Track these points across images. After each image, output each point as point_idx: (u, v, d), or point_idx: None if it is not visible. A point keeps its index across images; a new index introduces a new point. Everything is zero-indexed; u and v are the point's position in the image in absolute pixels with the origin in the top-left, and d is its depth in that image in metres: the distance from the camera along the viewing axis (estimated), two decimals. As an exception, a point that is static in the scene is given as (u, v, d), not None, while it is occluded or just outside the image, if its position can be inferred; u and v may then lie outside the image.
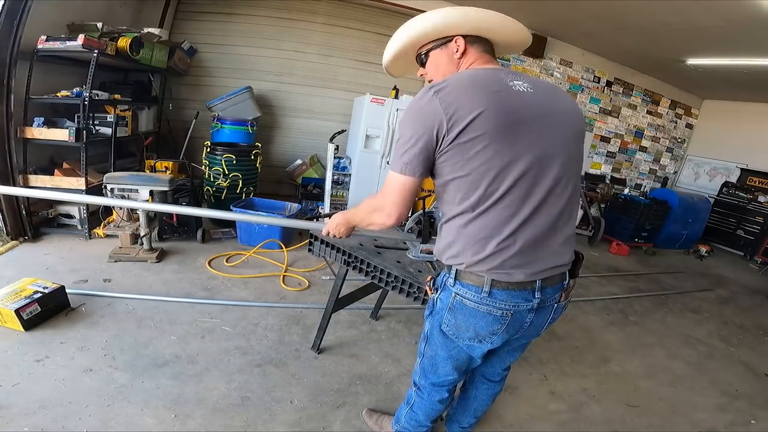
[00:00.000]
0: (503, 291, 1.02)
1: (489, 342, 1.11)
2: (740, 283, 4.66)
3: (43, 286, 2.10)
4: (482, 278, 1.01)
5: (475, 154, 0.93)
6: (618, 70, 6.24)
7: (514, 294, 1.03)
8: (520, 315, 1.06)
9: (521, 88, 0.97)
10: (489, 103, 0.91)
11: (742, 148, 6.64)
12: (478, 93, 0.92)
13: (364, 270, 1.73)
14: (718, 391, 2.37)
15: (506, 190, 0.95)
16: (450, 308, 1.10)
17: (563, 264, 1.07)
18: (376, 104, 4.30)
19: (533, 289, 1.04)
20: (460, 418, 1.59)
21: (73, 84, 3.07)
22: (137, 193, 2.85)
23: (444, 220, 1.08)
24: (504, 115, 0.92)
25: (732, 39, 4.15)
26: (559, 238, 1.05)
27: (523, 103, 0.96)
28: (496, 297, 1.02)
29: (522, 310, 1.05)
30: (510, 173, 0.94)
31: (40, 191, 2.65)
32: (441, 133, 0.93)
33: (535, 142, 0.95)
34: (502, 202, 0.96)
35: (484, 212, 0.97)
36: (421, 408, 1.41)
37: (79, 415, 1.53)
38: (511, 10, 1.15)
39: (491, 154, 0.92)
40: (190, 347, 2.03)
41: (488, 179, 0.94)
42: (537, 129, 0.96)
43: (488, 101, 0.91)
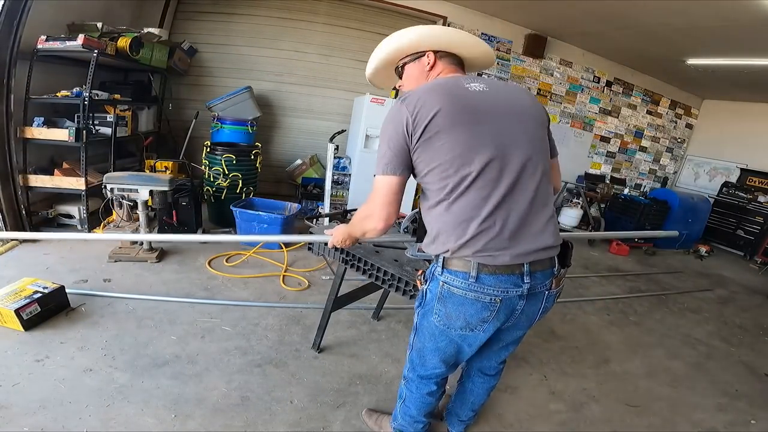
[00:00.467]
0: (491, 275, 1.05)
1: (481, 330, 1.13)
2: (740, 283, 4.66)
3: (42, 286, 2.10)
4: (468, 263, 1.06)
5: (440, 146, 1.03)
6: (618, 70, 6.24)
7: (502, 278, 1.05)
8: (510, 302, 1.09)
9: (478, 88, 1.10)
10: (445, 102, 1.03)
11: (742, 148, 6.64)
12: (436, 95, 1.05)
13: (362, 268, 1.73)
14: (718, 391, 2.37)
15: (477, 173, 1.02)
16: (439, 298, 1.13)
17: (549, 246, 1.10)
18: (376, 104, 4.30)
19: (522, 274, 1.07)
20: (459, 412, 1.60)
21: (72, 84, 3.07)
22: (137, 193, 2.84)
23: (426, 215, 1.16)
24: (460, 109, 1.04)
25: (732, 39, 4.15)
26: (541, 218, 1.09)
27: (479, 100, 1.07)
28: (483, 282, 1.05)
29: (512, 296, 1.08)
30: (476, 158, 1.02)
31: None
32: (409, 132, 1.04)
33: (496, 131, 1.05)
34: (475, 185, 1.03)
35: (460, 196, 1.04)
36: (412, 402, 1.43)
37: (79, 415, 1.52)
38: (511, 10, 1.18)
39: (453, 143, 1.02)
40: (190, 347, 2.03)
41: (456, 165, 1.03)
42: (495, 119, 1.07)
43: (444, 101, 1.03)
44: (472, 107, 1.05)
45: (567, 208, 5.57)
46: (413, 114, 1.03)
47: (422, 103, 1.03)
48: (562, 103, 6.13)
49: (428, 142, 1.03)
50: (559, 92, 6.06)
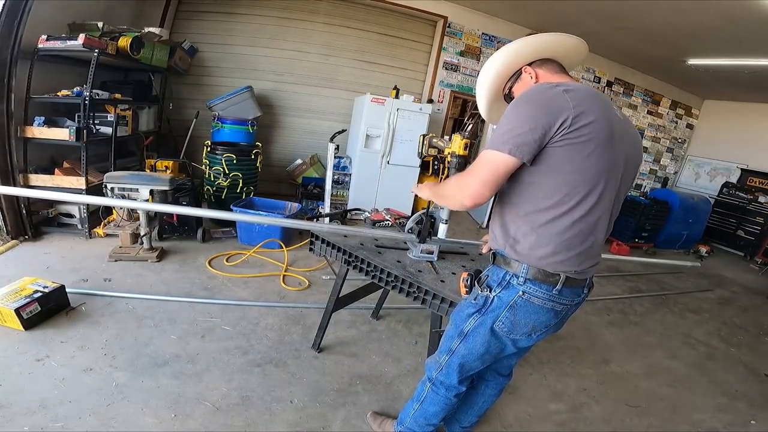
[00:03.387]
0: (569, 288, 1.09)
1: (537, 336, 1.16)
2: (740, 284, 4.66)
3: (43, 286, 2.10)
4: (557, 278, 1.06)
5: (582, 156, 0.98)
6: (618, 70, 6.24)
7: (574, 290, 1.10)
8: (570, 309, 1.15)
9: (618, 114, 1.09)
10: (601, 114, 0.99)
11: (742, 149, 6.65)
12: (594, 103, 1.00)
13: (365, 269, 1.72)
14: (718, 391, 2.37)
15: (600, 194, 1.02)
16: (511, 306, 1.11)
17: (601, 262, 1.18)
18: (376, 104, 4.30)
19: (584, 286, 1.14)
20: (461, 417, 1.58)
21: (73, 83, 3.07)
22: (137, 193, 2.84)
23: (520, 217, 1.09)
24: (609, 128, 1.00)
25: (732, 39, 4.15)
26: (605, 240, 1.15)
27: (618, 125, 1.04)
28: (563, 294, 1.09)
29: (573, 304, 1.14)
30: (601, 180, 1.01)
31: (40, 191, 2.65)
32: (564, 124, 0.96)
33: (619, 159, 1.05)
34: (598, 206, 1.03)
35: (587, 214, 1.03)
36: (435, 403, 1.39)
37: (79, 415, 1.53)
38: (511, 10, 1.17)
39: (595, 160, 0.99)
40: (190, 347, 2.03)
41: (588, 182, 1.00)
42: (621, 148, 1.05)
43: (600, 113, 0.99)
44: (614, 131, 1.02)
45: (567, 208, 5.57)
46: (576, 108, 0.95)
47: (585, 103, 0.97)
48: (562, 103, 6.13)
49: (574, 147, 0.97)
50: (560, 92, 6.06)
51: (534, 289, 1.07)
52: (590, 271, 1.12)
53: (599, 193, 1.01)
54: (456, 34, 5.32)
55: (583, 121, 0.96)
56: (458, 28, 5.30)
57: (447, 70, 5.44)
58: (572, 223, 1.03)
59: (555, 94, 0.98)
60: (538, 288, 1.07)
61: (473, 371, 1.30)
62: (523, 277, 1.07)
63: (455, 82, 5.53)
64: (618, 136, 1.02)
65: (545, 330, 1.15)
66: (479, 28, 5.37)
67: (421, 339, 2.39)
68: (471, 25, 5.32)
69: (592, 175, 1.00)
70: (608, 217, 1.09)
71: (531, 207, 1.06)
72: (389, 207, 3.82)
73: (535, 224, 1.05)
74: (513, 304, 1.10)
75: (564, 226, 1.03)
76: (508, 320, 1.12)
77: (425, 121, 4.50)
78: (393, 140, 4.45)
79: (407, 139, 4.50)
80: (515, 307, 1.10)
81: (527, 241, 1.07)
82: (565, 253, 1.05)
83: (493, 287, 1.14)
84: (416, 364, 2.16)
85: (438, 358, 1.34)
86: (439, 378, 1.35)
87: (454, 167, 1.80)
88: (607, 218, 1.09)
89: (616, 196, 1.08)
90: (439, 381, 1.35)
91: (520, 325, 1.12)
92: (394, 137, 4.44)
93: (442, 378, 1.34)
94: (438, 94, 5.48)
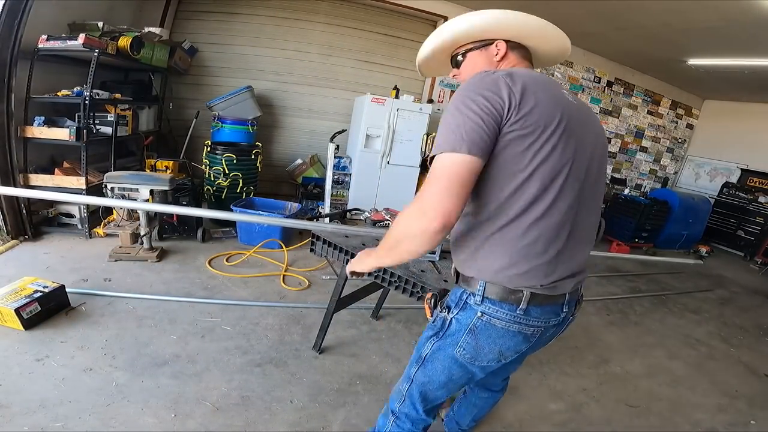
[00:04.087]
0: (538, 307, 0.93)
1: (507, 360, 1.01)
2: (740, 284, 4.66)
3: (43, 285, 2.10)
4: (520, 295, 0.91)
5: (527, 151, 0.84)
6: (619, 70, 6.24)
7: (546, 309, 0.95)
8: (547, 331, 0.99)
9: (569, 97, 0.95)
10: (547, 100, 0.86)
11: (742, 149, 6.64)
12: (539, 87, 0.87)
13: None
14: (718, 391, 2.37)
15: (558, 192, 0.87)
16: (471, 330, 0.97)
17: (584, 273, 1.02)
18: (376, 104, 4.30)
19: (563, 303, 0.98)
20: (461, 420, 1.57)
21: (73, 83, 3.07)
22: (137, 193, 2.84)
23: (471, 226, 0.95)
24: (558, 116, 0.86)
25: (732, 39, 4.15)
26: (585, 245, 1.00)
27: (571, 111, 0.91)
28: (531, 314, 0.93)
29: (550, 326, 0.99)
30: (560, 177, 0.87)
31: (40, 191, 2.65)
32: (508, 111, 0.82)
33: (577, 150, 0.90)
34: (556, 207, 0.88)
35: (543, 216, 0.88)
36: None
37: (79, 415, 1.53)
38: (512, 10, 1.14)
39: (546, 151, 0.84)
40: (190, 347, 2.03)
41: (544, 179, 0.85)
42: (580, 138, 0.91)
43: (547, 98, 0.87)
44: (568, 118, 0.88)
45: (567, 208, 5.57)
46: (519, 93, 0.82)
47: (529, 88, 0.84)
48: (562, 103, 6.13)
49: (519, 140, 0.83)
50: (560, 92, 6.06)
51: (494, 310, 0.93)
52: (567, 284, 0.95)
53: (556, 190, 0.86)
54: (456, 34, 5.32)
55: (527, 107, 0.82)
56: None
57: (447, 70, 5.44)
58: (527, 228, 0.88)
59: (492, 80, 0.84)
60: (499, 308, 0.92)
61: (439, 401, 1.15)
62: (480, 295, 0.93)
63: (455, 82, 5.53)
64: (574, 124, 0.89)
65: (515, 355, 1.00)
66: (479, 28, 5.36)
67: (421, 339, 2.39)
68: (471, 25, 5.32)
69: (544, 171, 0.85)
70: (577, 218, 0.93)
71: (481, 214, 0.91)
72: (389, 207, 3.82)
73: (487, 233, 0.91)
74: (472, 328, 0.96)
75: (518, 232, 0.88)
76: (470, 346, 0.98)
77: (425, 121, 4.50)
78: (393, 140, 4.45)
79: (407, 139, 4.50)
80: (475, 330, 0.96)
81: (480, 252, 0.93)
82: (525, 264, 0.89)
83: (452, 308, 1.01)
84: (416, 364, 2.16)
85: (400, 387, 1.19)
86: (403, 410, 1.18)
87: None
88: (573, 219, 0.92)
89: (582, 192, 0.92)
90: (402, 413, 1.18)
91: (484, 352, 0.98)
92: (394, 137, 4.44)
93: (406, 410, 1.17)
94: (438, 94, 5.48)
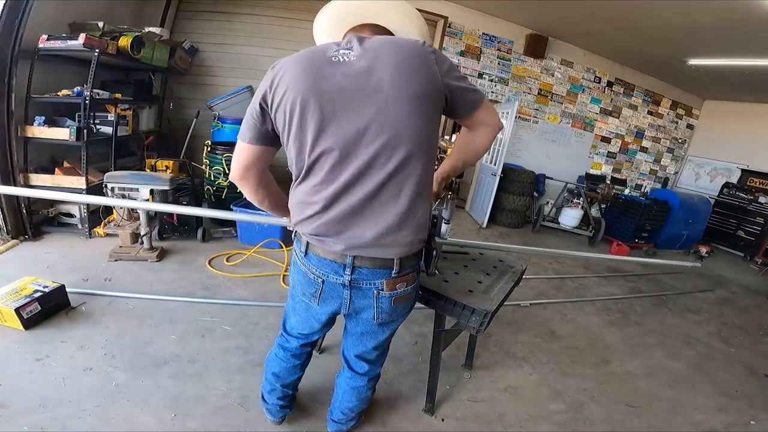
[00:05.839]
0: (316, 256, 1.11)
1: (315, 303, 1.18)
2: (740, 284, 4.66)
3: (43, 285, 2.10)
4: (302, 239, 1.14)
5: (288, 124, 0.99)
6: (619, 71, 6.24)
7: (324, 262, 1.10)
8: (333, 286, 1.12)
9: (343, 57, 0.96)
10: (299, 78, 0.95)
11: (742, 149, 6.64)
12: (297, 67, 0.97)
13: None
14: (718, 391, 2.37)
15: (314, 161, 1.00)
16: (293, 261, 1.23)
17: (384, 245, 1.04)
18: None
19: (344, 264, 1.08)
20: (332, 409, 1.54)
21: (74, 83, 3.07)
22: (138, 192, 2.85)
23: None
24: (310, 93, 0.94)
25: (732, 39, 4.15)
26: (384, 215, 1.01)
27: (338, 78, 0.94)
28: (311, 260, 1.12)
29: (333, 282, 1.11)
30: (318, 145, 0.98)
31: (40, 191, 2.65)
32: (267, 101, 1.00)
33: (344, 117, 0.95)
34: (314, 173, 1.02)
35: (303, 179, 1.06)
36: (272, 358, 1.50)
37: (78, 414, 1.53)
38: (511, 10, 1.16)
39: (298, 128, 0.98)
40: (190, 346, 2.03)
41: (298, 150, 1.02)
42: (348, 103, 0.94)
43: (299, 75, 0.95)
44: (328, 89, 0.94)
45: (567, 208, 5.57)
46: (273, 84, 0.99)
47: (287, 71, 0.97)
48: (563, 103, 6.13)
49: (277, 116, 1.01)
50: (560, 92, 6.06)
51: (296, 247, 1.19)
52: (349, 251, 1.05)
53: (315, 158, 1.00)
54: (456, 34, 5.32)
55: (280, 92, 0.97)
56: (458, 28, 5.30)
57: (447, 70, 5.43)
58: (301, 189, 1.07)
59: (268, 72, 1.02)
60: (297, 248, 1.18)
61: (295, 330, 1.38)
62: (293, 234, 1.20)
63: (455, 82, 5.52)
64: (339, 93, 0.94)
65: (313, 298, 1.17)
66: (479, 28, 5.37)
67: (421, 339, 2.39)
68: (471, 25, 5.32)
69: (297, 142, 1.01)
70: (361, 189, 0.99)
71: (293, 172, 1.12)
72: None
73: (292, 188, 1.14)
74: (293, 260, 1.22)
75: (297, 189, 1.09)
76: (292, 275, 1.24)
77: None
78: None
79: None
80: (293, 262, 1.22)
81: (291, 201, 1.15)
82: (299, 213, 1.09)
83: None
84: (416, 363, 2.16)
85: None
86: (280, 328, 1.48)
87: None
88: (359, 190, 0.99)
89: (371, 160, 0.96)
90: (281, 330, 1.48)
91: (295, 283, 1.22)
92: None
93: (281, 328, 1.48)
94: (438, 94, 5.48)
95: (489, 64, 5.59)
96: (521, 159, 6.05)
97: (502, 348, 2.44)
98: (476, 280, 1.68)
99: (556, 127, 6.25)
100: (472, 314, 1.45)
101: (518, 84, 5.81)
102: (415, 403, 1.87)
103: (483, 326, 1.45)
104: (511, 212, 5.47)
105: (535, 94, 5.96)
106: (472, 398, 1.97)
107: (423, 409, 1.83)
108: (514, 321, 2.79)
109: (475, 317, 1.45)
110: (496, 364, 2.28)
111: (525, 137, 6.11)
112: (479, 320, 1.44)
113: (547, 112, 6.12)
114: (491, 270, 1.83)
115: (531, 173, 5.52)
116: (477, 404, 1.94)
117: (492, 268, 1.86)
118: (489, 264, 1.90)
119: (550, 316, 2.98)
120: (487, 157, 5.54)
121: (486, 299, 1.52)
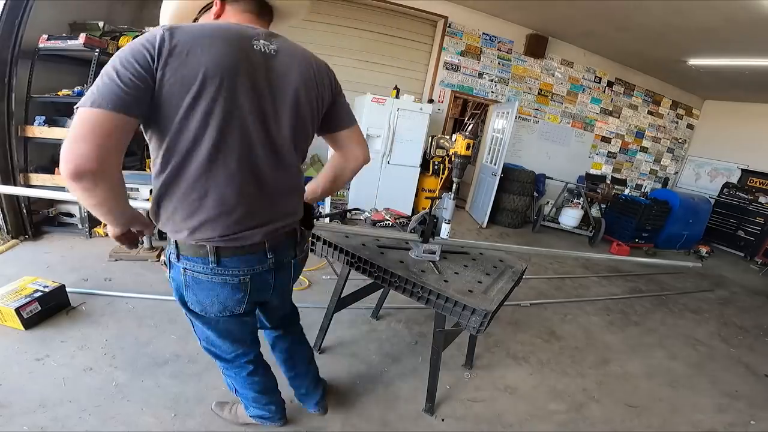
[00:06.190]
0: (233, 257, 0.98)
1: (241, 309, 1.07)
2: (740, 284, 4.66)
3: (43, 285, 2.10)
4: (205, 248, 0.95)
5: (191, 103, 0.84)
6: (619, 71, 6.24)
7: (246, 259, 1.00)
8: (260, 276, 1.05)
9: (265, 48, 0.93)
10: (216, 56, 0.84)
11: (743, 149, 6.65)
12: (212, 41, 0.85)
13: (368, 271, 1.72)
14: (718, 391, 2.37)
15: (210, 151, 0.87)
16: (186, 285, 1.02)
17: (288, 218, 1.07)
18: (376, 104, 4.31)
19: (265, 250, 1.03)
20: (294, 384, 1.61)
21: (74, 83, 3.07)
22: (138, 192, 2.85)
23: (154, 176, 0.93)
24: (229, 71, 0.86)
25: (733, 39, 4.15)
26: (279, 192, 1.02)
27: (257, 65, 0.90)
28: (226, 266, 0.98)
29: (260, 272, 1.04)
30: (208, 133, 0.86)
31: (40, 191, 2.65)
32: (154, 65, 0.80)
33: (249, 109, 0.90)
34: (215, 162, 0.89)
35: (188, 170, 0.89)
36: (241, 386, 1.40)
37: (79, 414, 1.53)
38: (511, 10, 1.15)
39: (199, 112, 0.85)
40: (190, 346, 2.03)
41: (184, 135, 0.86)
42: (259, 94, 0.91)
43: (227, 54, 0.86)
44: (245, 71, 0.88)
45: (568, 208, 5.58)
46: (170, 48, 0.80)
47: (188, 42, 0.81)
48: (563, 103, 6.14)
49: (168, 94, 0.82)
50: (560, 92, 6.06)
51: (191, 264, 0.97)
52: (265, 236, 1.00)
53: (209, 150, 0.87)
54: (456, 34, 5.32)
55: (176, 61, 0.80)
56: (459, 28, 5.30)
57: (447, 70, 5.44)
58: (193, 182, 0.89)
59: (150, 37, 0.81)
60: (194, 263, 0.97)
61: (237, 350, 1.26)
62: (174, 252, 0.98)
63: (456, 82, 5.53)
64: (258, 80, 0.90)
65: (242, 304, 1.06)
66: (479, 28, 5.37)
67: (421, 339, 2.39)
68: (471, 25, 5.33)
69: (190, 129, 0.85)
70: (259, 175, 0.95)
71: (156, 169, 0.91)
72: (389, 207, 3.82)
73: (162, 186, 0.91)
74: (186, 284, 1.02)
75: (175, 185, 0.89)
76: (194, 300, 1.04)
77: (426, 121, 4.50)
78: (393, 140, 4.45)
79: (407, 139, 4.50)
80: (189, 286, 1.02)
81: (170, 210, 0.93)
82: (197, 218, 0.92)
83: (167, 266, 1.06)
84: (416, 363, 2.16)
85: None
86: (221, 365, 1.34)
87: (457, 167, 1.81)
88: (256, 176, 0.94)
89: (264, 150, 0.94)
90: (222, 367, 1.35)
91: (208, 305, 1.04)
92: (395, 137, 4.45)
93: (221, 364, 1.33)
94: (438, 94, 5.49)
95: (489, 64, 5.60)
96: (521, 159, 6.06)
97: (502, 348, 2.44)
98: (476, 280, 1.68)
99: (557, 127, 6.25)
100: (472, 314, 1.45)
101: (518, 84, 5.81)
102: (415, 403, 1.86)
103: (483, 326, 1.45)
104: (511, 212, 5.47)
105: (536, 94, 5.96)
106: (472, 398, 1.97)
107: (423, 409, 1.83)
108: (514, 321, 2.79)
109: (475, 317, 1.45)
110: (496, 364, 2.28)
111: (525, 137, 6.12)
112: (479, 320, 1.44)
113: (548, 112, 6.12)
114: (491, 270, 1.83)
115: (531, 173, 5.52)
116: (477, 404, 1.94)
117: (492, 268, 1.86)
118: (489, 264, 1.90)
119: (550, 316, 2.98)
120: (487, 156, 5.55)
121: (486, 299, 1.52)
